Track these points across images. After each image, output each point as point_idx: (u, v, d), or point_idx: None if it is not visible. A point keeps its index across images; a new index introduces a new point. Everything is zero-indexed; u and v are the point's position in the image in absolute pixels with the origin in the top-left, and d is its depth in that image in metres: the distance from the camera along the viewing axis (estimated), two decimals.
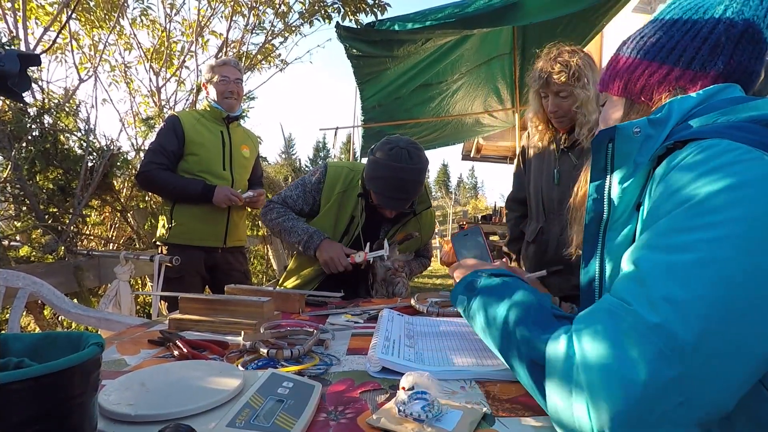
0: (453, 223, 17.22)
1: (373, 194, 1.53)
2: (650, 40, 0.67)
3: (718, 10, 0.63)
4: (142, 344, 0.91)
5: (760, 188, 0.45)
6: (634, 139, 0.60)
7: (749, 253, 0.43)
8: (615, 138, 0.62)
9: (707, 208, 0.46)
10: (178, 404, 0.55)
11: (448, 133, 5.57)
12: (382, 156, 1.48)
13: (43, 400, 0.37)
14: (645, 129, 0.59)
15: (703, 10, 0.64)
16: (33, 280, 1.55)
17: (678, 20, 0.66)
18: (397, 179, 1.47)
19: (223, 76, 2.14)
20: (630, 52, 0.70)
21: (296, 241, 1.59)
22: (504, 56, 4.34)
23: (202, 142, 2.12)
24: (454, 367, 0.75)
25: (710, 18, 0.63)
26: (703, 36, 0.63)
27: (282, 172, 6.59)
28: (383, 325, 0.97)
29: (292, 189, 1.69)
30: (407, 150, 1.48)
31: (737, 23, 0.62)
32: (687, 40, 0.64)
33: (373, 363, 0.75)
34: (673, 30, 0.66)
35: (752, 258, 0.43)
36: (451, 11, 2.88)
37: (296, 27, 4.35)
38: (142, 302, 3.26)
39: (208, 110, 2.20)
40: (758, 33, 0.62)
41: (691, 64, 0.63)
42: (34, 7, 3.26)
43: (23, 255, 2.26)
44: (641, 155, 0.58)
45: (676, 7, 0.68)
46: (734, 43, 0.62)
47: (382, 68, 3.66)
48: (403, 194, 1.50)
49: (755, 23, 0.62)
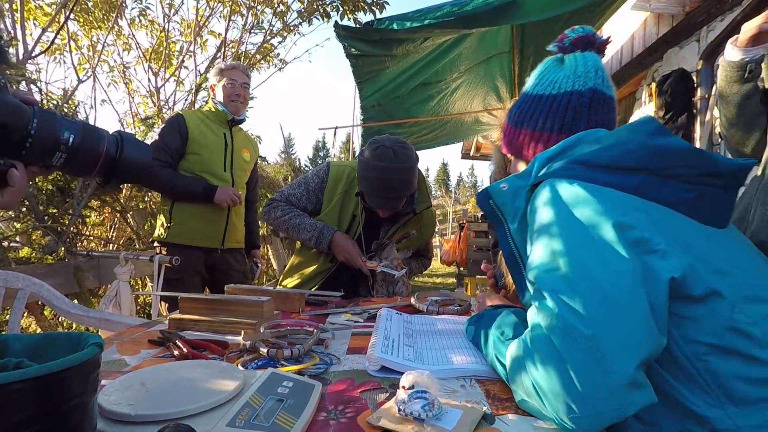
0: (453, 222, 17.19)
1: (364, 195, 1.54)
2: (525, 112, 0.87)
3: (569, 84, 0.83)
4: (142, 344, 0.91)
5: (565, 212, 0.65)
6: (504, 192, 0.77)
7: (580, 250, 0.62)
8: (491, 196, 0.79)
9: (546, 233, 0.65)
10: (178, 404, 0.55)
11: (447, 131, 5.57)
12: (368, 156, 1.48)
13: (43, 400, 0.37)
14: (513, 182, 0.77)
15: (558, 85, 0.84)
16: (33, 281, 1.55)
17: (542, 95, 0.86)
18: (384, 179, 1.46)
19: (231, 79, 2.15)
20: (510, 122, 0.90)
21: (307, 237, 1.59)
22: (503, 55, 4.34)
23: (205, 143, 2.13)
24: (454, 365, 0.75)
25: (564, 91, 0.83)
26: (563, 106, 0.83)
27: (281, 171, 6.59)
28: (382, 324, 0.97)
29: (295, 188, 1.69)
30: (392, 149, 1.47)
31: (585, 92, 0.82)
32: (552, 110, 0.83)
33: (373, 362, 0.75)
34: (540, 103, 0.85)
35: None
36: (449, 10, 2.87)
37: (295, 26, 4.34)
38: (142, 302, 3.26)
39: (212, 111, 2.21)
40: (602, 94, 0.83)
41: (562, 128, 0.82)
42: (32, 8, 3.26)
43: (23, 256, 2.26)
44: (517, 201, 0.75)
45: (538, 84, 0.87)
46: (587, 107, 0.82)
47: (381, 67, 3.66)
48: (390, 193, 1.48)
49: (597, 88, 0.83)
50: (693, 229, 0.67)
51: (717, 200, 0.70)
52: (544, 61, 0.90)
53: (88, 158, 0.56)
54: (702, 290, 0.60)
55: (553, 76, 0.86)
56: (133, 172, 0.61)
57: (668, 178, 0.68)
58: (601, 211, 0.62)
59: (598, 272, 0.59)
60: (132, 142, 0.61)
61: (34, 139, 0.51)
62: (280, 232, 1.92)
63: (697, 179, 0.68)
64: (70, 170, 0.57)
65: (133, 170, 0.61)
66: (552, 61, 0.89)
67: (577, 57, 0.86)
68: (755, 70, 1.10)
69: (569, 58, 0.87)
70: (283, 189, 1.73)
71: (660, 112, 3.09)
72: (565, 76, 0.84)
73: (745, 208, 1.12)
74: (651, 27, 3.76)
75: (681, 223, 0.66)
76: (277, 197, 1.69)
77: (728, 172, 0.69)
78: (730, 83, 1.15)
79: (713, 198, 0.69)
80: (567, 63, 0.86)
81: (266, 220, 1.73)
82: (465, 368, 0.74)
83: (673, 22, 3.40)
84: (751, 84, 1.12)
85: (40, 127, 0.51)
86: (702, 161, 0.69)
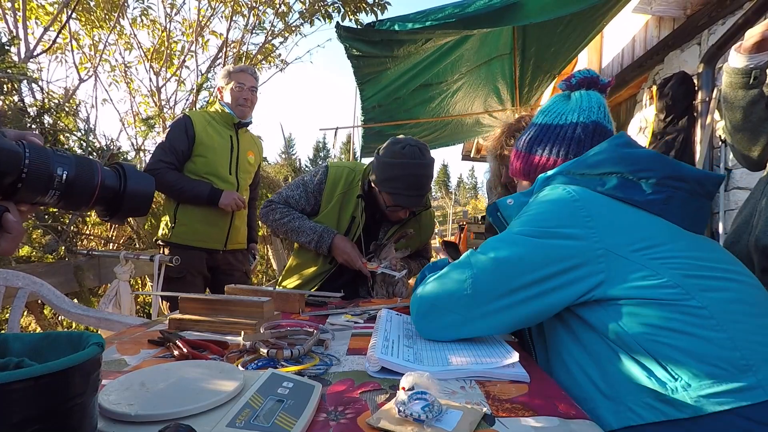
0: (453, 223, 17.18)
1: (389, 195, 1.52)
2: (534, 140, 0.97)
3: (574, 116, 0.94)
4: (142, 344, 0.91)
5: (544, 201, 0.82)
6: (510, 207, 0.93)
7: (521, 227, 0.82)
8: (499, 208, 0.95)
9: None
10: (178, 404, 0.55)
11: (448, 133, 5.56)
12: (395, 156, 1.48)
13: (43, 399, 0.37)
14: (518, 199, 0.92)
15: (565, 117, 0.95)
16: (33, 280, 1.55)
17: (551, 125, 0.96)
18: (415, 176, 1.48)
19: (240, 83, 2.15)
20: (521, 148, 1.00)
21: (306, 240, 1.60)
22: (504, 56, 4.34)
23: (212, 145, 2.13)
24: (452, 366, 0.75)
25: (571, 122, 0.94)
26: (569, 135, 0.93)
27: (282, 172, 6.59)
28: (382, 325, 0.97)
29: (293, 189, 1.68)
30: (418, 147, 1.50)
31: (588, 124, 0.92)
32: (560, 138, 0.94)
33: (373, 363, 0.75)
34: (549, 131, 0.95)
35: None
36: (451, 11, 2.87)
37: (296, 27, 4.35)
38: (142, 302, 3.26)
39: (219, 113, 2.20)
40: (603, 128, 0.93)
41: (568, 155, 0.92)
42: (34, 7, 3.26)
43: (23, 255, 2.26)
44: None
45: (547, 115, 0.97)
46: (590, 137, 0.92)
47: (382, 68, 3.66)
48: (420, 190, 1.52)
49: (600, 122, 0.93)
50: (657, 225, 0.76)
51: (684, 202, 0.78)
52: (552, 97, 1.01)
53: (83, 192, 0.55)
54: (642, 275, 0.71)
55: (561, 108, 0.96)
56: (139, 205, 0.60)
57: (639, 181, 0.78)
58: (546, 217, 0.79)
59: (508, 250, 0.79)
60: (134, 173, 0.60)
61: (26, 180, 0.49)
62: (278, 234, 1.92)
63: (664, 181, 0.78)
64: (64, 206, 0.55)
65: (138, 202, 0.60)
66: (559, 97, 0.99)
67: (582, 94, 0.96)
68: (760, 76, 1.11)
69: (575, 95, 0.97)
70: (281, 190, 1.71)
71: (661, 115, 3.09)
72: (571, 109, 0.95)
73: (750, 213, 1.12)
74: (652, 30, 3.76)
75: (643, 221, 0.77)
76: (275, 199, 1.68)
77: (692, 178, 0.79)
78: (734, 89, 1.15)
79: (681, 200, 0.78)
80: (573, 99, 0.97)
81: (264, 222, 1.72)
82: (464, 369, 0.73)
83: (675, 25, 3.41)
84: (756, 90, 1.12)
85: (33, 166, 0.49)
86: (666, 165, 0.79)
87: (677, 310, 0.68)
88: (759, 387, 0.64)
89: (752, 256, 1.08)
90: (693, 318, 0.68)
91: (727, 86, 1.17)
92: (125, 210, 0.59)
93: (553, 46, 4.02)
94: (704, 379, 0.65)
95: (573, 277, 0.74)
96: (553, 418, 0.58)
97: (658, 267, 0.71)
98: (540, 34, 3.86)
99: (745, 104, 1.14)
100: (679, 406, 0.65)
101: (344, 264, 1.58)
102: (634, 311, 0.70)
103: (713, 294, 0.70)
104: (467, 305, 0.82)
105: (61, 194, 0.53)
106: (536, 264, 0.76)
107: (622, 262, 0.72)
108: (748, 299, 0.72)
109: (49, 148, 0.52)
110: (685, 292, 0.69)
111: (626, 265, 0.72)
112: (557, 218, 0.77)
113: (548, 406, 0.61)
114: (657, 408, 0.67)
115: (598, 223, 0.75)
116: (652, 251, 0.72)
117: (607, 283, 0.72)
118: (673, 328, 0.68)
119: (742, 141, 1.20)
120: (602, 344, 0.74)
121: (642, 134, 3.43)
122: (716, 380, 0.65)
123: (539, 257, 0.76)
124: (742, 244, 1.11)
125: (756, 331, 0.68)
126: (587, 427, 0.56)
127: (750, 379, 0.64)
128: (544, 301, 0.77)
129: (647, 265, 0.71)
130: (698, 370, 0.66)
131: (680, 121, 2.99)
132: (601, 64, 4.95)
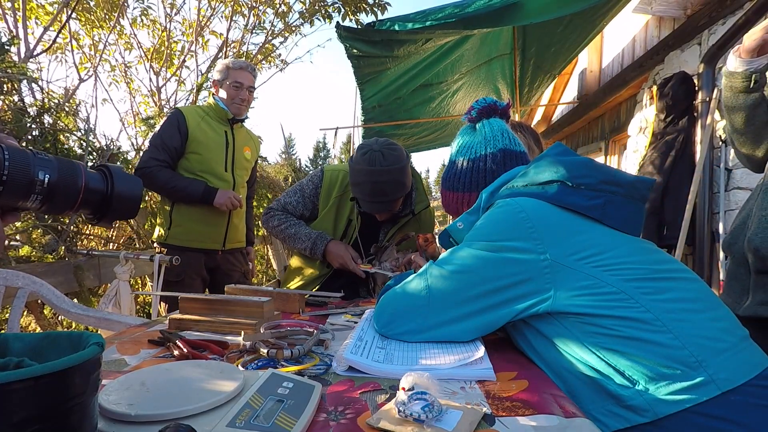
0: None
1: (358, 200, 1.54)
2: (452, 177, 1.05)
3: (482, 149, 1.01)
4: (142, 344, 0.91)
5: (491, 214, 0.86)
6: (461, 230, 0.96)
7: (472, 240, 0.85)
8: (450, 234, 0.99)
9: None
10: (178, 404, 0.55)
11: (448, 133, 5.57)
12: (358, 161, 1.47)
13: (43, 399, 0.37)
14: (466, 219, 0.96)
15: (474, 150, 1.02)
16: (33, 280, 1.55)
17: (463, 160, 1.03)
18: (374, 183, 1.44)
19: (238, 81, 2.08)
20: (444, 187, 1.08)
21: (302, 247, 1.61)
22: (504, 56, 4.34)
23: (206, 142, 2.05)
24: (419, 366, 0.74)
25: (480, 155, 1.01)
26: (481, 168, 1.00)
27: (282, 172, 6.57)
28: (361, 325, 0.98)
29: (291, 195, 1.69)
30: (381, 152, 1.45)
31: (497, 153, 1.00)
32: (474, 172, 1.01)
33: (340, 362, 0.76)
34: (463, 168, 1.03)
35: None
36: (451, 11, 2.87)
37: (296, 27, 4.35)
38: (142, 302, 3.26)
39: (213, 108, 2.12)
40: (511, 152, 1.00)
41: (479, 187, 0.99)
42: (34, 7, 3.26)
43: (23, 255, 2.26)
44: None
45: (459, 152, 1.04)
46: (501, 165, 0.99)
47: (383, 68, 3.66)
48: (382, 197, 1.47)
49: (507, 147, 1.00)
50: (599, 232, 0.79)
51: (620, 206, 0.81)
52: (461, 130, 1.08)
53: (67, 196, 0.53)
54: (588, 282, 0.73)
55: (469, 142, 1.03)
56: (127, 207, 0.60)
57: (577, 187, 0.81)
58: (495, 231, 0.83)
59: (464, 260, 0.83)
60: (122, 175, 0.59)
61: (6, 185, 0.47)
62: (278, 240, 1.93)
63: (600, 186, 0.81)
64: (48, 210, 0.54)
65: (126, 205, 0.59)
66: (466, 129, 1.07)
67: (485, 123, 1.03)
68: (760, 79, 1.10)
69: (479, 125, 1.04)
70: (280, 197, 1.72)
71: (661, 115, 3.09)
72: (478, 141, 1.02)
73: (747, 214, 1.12)
74: (652, 30, 3.76)
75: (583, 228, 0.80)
76: (274, 206, 1.70)
77: (626, 182, 0.83)
78: (735, 93, 1.15)
79: (618, 204, 0.81)
80: (478, 129, 1.04)
81: (265, 228, 1.75)
82: (432, 369, 0.73)
83: (675, 25, 3.41)
84: (757, 93, 1.12)
85: (13, 170, 0.47)
86: (601, 170, 0.83)
87: (623, 316, 0.71)
88: (711, 382, 0.66)
89: (747, 256, 1.08)
90: (639, 323, 0.70)
91: (728, 90, 1.16)
92: (113, 213, 0.58)
93: (553, 46, 4.03)
94: (659, 381, 0.67)
95: (521, 293, 0.77)
96: (553, 416, 0.58)
97: (601, 275, 0.73)
98: (540, 34, 3.86)
99: (747, 108, 1.14)
100: (639, 410, 0.67)
101: (340, 268, 1.58)
102: (583, 321, 0.73)
103: (656, 296, 0.72)
104: (424, 315, 0.85)
105: (44, 198, 0.51)
106: (486, 278, 0.80)
107: (568, 272, 0.75)
108: (690, 296, 0.74)
109: (28, 150, 0.50)
110: (629, 297, 0.71)
111: (571, 274, 0.74)
112: (503, 231, 0.81)
113: (548, 404, 0.61)
114: (620, 415, 0.69)
115: (542, 234, 0.77)
116: (595, 259, 0.75)
117: (554, 298, 0.75)
118: (622, 334, 0.70)
119: (745, 143, 1.20)
120: (559, 355, 0.76)
121: (642, 134, 3.43)
122: (670, 380, 0.67)
123: (489, 271, 0.80)
124: (739, 245, 1.11)
125: (701, 326, 0.70)
126: (586, 426, 0.56)
127: (702, 374, 0.66)
128: (497, 313, 0.80)
129: (591, 274, 0.74)
130: (653, 373, 0.68)
131: (680, 121, 2.99)
132: (601, 64, 4.95)
